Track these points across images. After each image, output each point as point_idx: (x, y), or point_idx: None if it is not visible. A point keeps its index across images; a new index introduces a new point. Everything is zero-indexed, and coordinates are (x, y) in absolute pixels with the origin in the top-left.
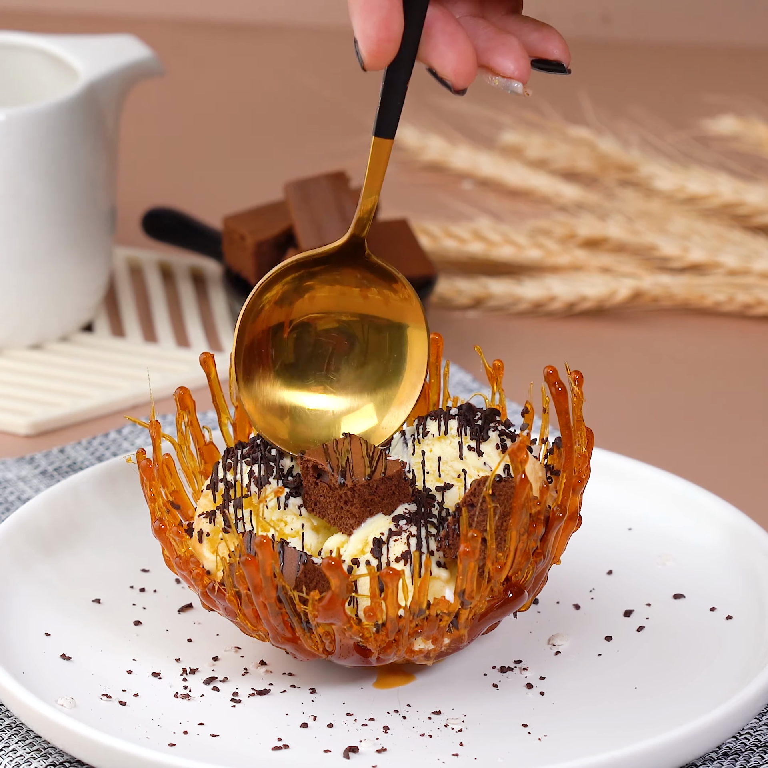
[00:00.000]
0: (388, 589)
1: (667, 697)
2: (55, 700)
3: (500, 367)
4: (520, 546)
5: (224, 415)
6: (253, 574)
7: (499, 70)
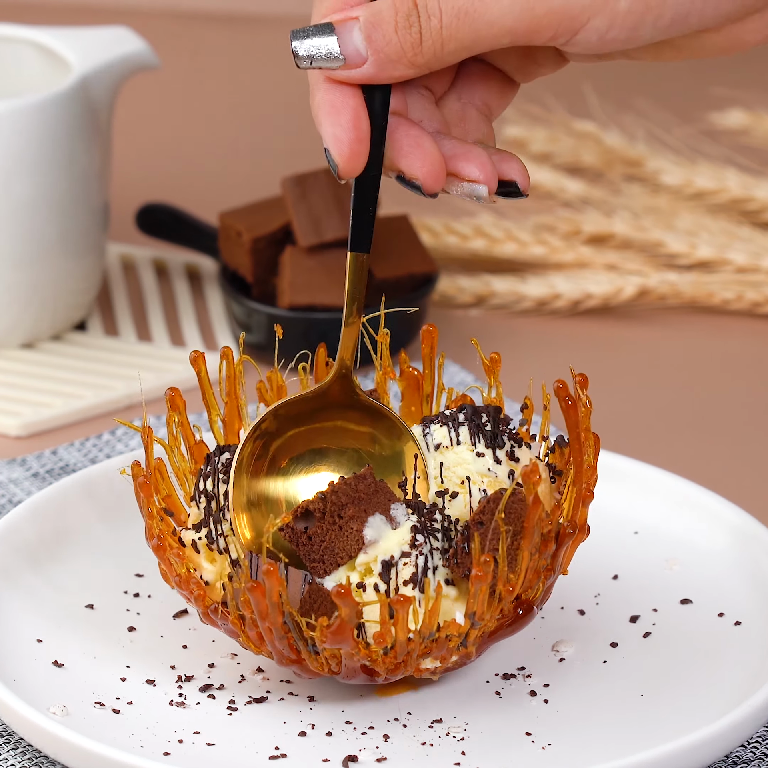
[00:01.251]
0: (399, 615)
1: (674, 705)
2: (47, 708)
3: (497, 359)
4: (532, 565)
5: (214, 413)
6: (259, 600)
7: (464, 174)
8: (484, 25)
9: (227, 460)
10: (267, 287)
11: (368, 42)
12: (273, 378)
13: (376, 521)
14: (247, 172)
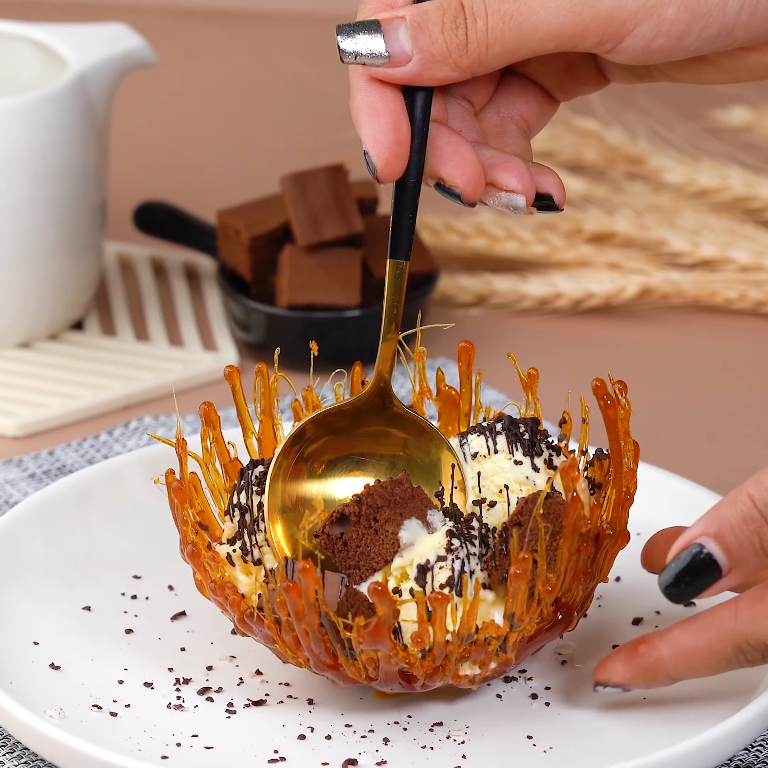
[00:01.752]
0: (437, 614)
1: (677, 708)
2: (43, 711)
3: (535, 375)
4: (571, 566)
5: (249, 432)
6: (295, 600)
7: (502, 184)
8: (529, 28)
9: (261, 473)
10: (266, 286)
11: (414, 41)
12: (308, 397)
13: (411, 525)
14: (246, 170)
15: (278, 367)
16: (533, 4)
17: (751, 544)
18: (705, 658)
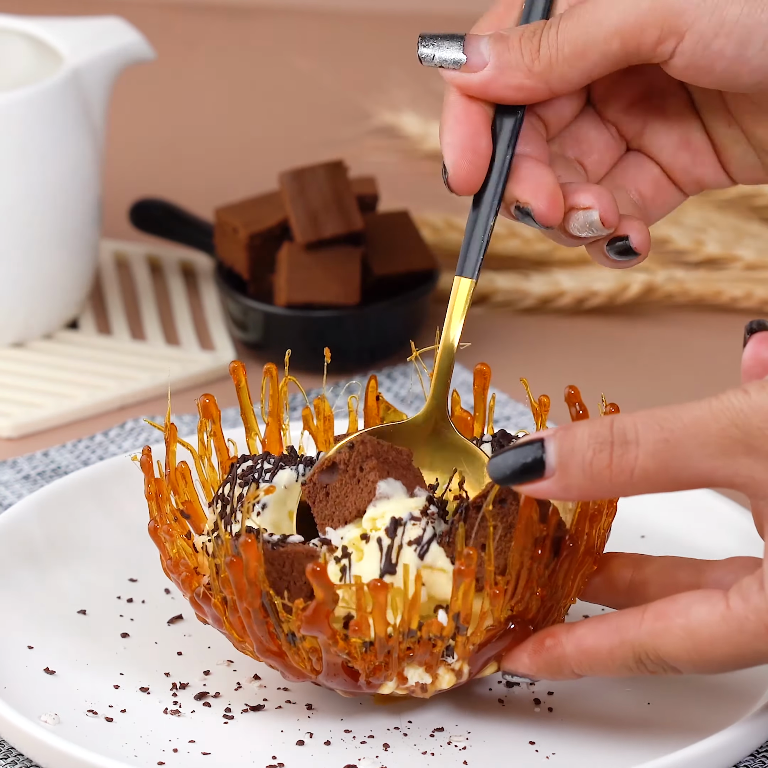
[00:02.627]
0: (376, 602)
1: (682, 713)
2: (38, 717)
3: (547, 404)
4: (523, 572)
5: (253, 432)
6: (237, 576)
7: (579, 204)
8: (593, 24)
9: (248, 467)
10: (264, 285)
11: (492, 48)
12: (321, 406)
13: (394, 483)
14: (244, 167)
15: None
16: (599, 2)
17: (582, 456)
18: (606, 662)
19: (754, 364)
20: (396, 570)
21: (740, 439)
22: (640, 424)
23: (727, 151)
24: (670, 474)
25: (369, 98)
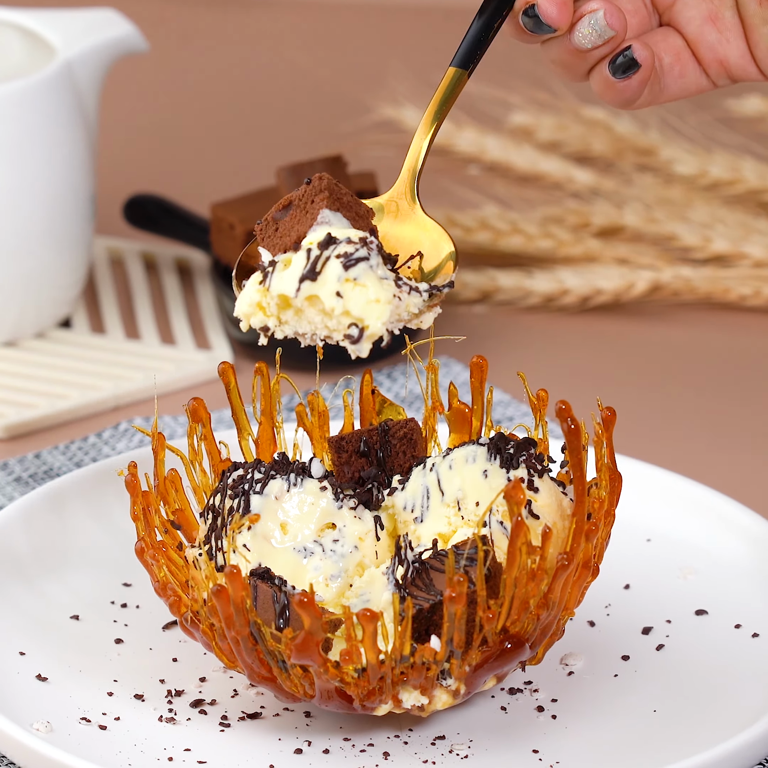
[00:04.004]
0: (365, 632)
1: (688, 721)
2: (30, 724)
3: (545, 398)
4: (517, 594)
5: (245, 432)
6: (224, 605)
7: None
8: None
9: (238, 476)
10: None
11: None
12: (314, 402)
13: (340, 218)
14: (240, 162)
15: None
16: None
17: None
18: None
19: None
20: (317, 278)
21: None
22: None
23: (755, 33)
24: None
25: (368, 92)
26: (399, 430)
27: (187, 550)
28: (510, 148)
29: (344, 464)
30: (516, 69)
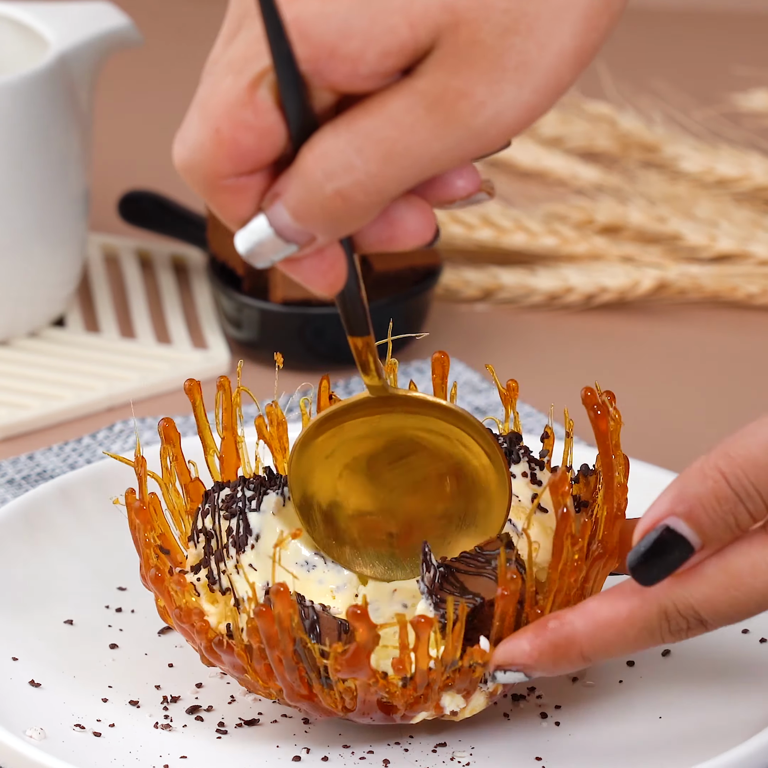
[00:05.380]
0: (420, 638)
1: (695, 728)
2: (23, 731)
3: (515, 387)
4: (561, 587)
5: (211, 450)
6: (267, 625)
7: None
8: None
9: (227, 496)
10: (259, 280)
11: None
12: (273, 413)
13: None
14: None
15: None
16: None
17: (726, 523)
18: (625, 628)
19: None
20: None
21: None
22: (750, 473)
23: None
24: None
25: None
26: None
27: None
28: (512, 144)
29: None
30: None
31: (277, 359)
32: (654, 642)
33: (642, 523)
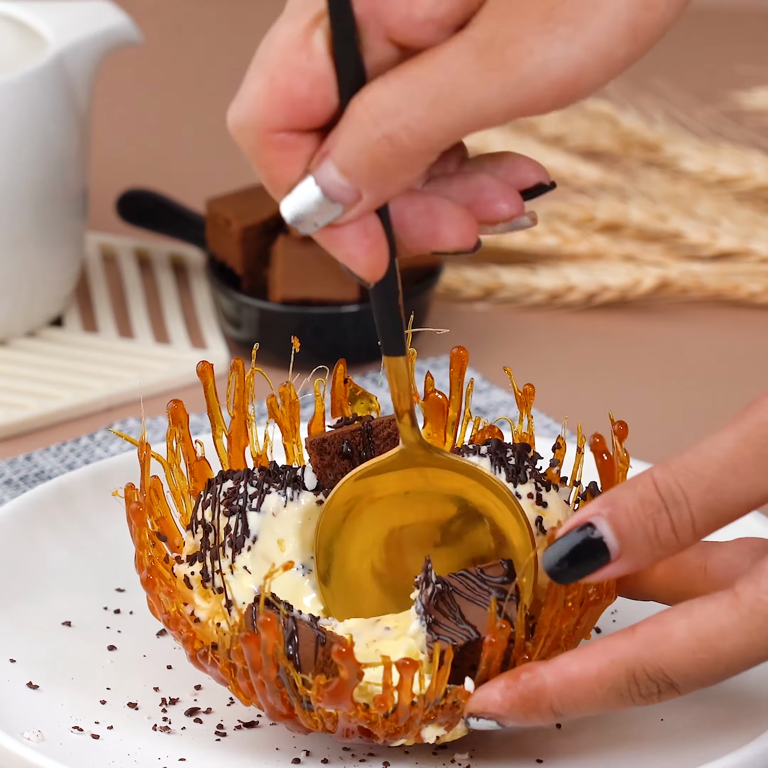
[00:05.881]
0: (403, 680)
1: (697, 730)
2: (20, 733)
3: (531, 392)
4: (552, 632)
5: (219, 427)
6: (252, 651)
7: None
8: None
9: (229, 489)
10: (258, 280)
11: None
12: (285, 393)
13: None
14: (237, 156)
15: (269, 366)
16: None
17: (645, 529)
18: (593, 688)
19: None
20: None
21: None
22: (682, 480)
23: None
24: (727, 516)
25: None
26: (383, 430)
27: (176, 567)
28: (513, 142)
29: (326, 467)
30: None
31: (294, 343)
32: (624, 703)
33: (568, 522)
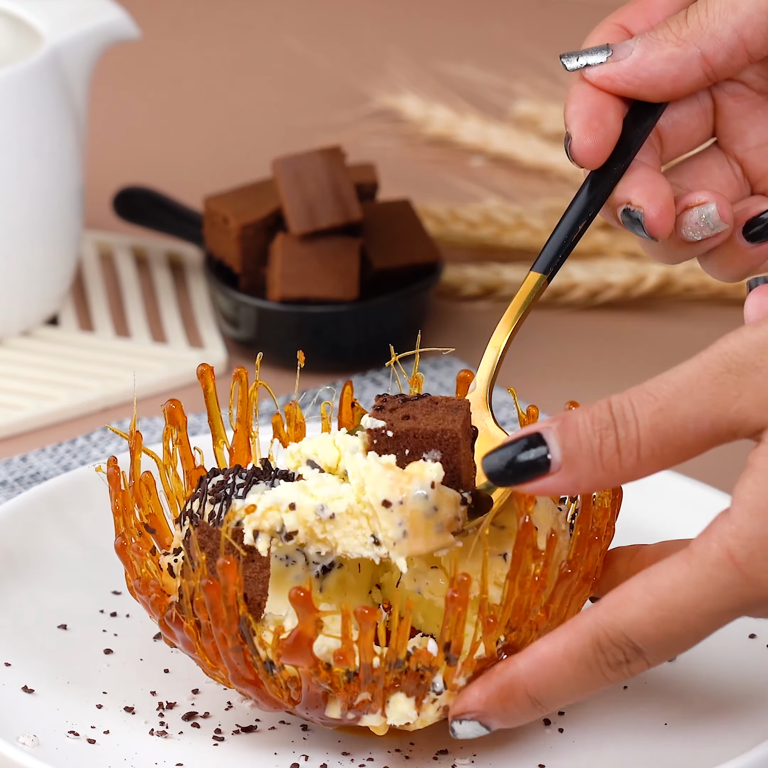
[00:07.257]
0: (363, 629)
1: (701, 735)
2: (16, 738)
3: (535, 414)
4: (520, 601)
5: (220, 440)
6: (214, 600)
7: (692, 200)
8: None
9: (218, 482)
10: (256, 278)
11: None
12: (291, 413)
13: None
14: (235, 153)
15: (268, 366)
16: None
17: (590, 445)
18: (563, 663)
19: (756, 311)
20: None
21: (735, 382)
22: (635, 399)
23: None
24: (674, 445)
25: (366, 80)
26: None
27: (162, 557)
28: (514, 139)
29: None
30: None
31: (299, 357)
32: (595, 678)
33: (518, 431)
